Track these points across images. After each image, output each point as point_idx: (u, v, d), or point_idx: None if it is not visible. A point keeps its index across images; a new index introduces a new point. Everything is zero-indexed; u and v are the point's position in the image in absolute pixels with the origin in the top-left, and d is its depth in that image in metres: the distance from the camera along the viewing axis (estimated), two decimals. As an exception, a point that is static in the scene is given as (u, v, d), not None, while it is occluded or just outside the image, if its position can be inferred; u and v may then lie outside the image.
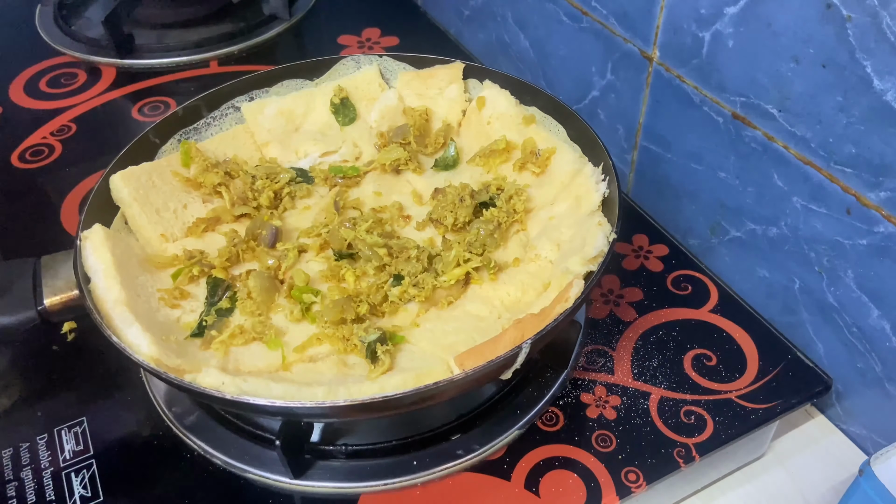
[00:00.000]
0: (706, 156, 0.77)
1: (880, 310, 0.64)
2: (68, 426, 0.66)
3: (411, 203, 0.76)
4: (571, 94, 0.96)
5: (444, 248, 0.68)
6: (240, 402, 0.51)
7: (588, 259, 0.60)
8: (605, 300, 0.77)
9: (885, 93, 0.57)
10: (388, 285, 0.64)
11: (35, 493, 0.61)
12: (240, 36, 1.19)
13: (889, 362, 0.65)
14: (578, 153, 0.73)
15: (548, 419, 0.66)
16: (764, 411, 0.66)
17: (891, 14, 0.54)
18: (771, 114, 0.68)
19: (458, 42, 1.22)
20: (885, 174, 0.59)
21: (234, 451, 0.62)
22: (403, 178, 0.79)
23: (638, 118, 0.85)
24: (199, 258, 0.67)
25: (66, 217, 0.88)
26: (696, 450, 0.63)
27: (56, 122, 1.04)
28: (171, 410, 0.66)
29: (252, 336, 0.61)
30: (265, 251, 0.69)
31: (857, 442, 0.72)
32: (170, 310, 0.63)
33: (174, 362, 0.55)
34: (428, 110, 0.82)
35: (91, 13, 1.25)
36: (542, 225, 0.70)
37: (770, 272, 0.75)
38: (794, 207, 0.69)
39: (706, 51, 0.72)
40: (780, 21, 0.63)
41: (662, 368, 0.70)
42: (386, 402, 0.51)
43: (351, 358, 0.60)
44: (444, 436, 0.63)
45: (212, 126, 0.79)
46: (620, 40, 0.83)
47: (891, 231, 0.61)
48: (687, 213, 0.83)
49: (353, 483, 0.61)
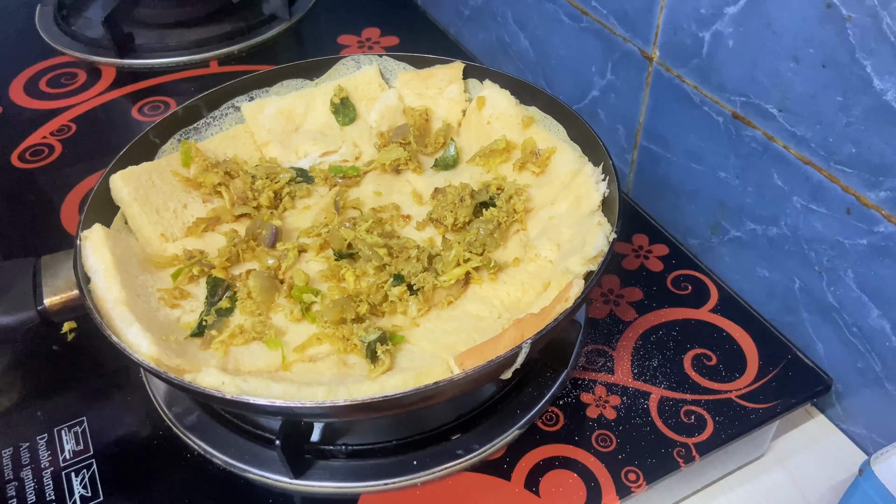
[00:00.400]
0: (706, 155, 0.77)
1: (880, 309, 0.64)
2: (68, 426, 0.66)
3: (411, 203, 0.76)
4: (571, 93, 0.96)
5: (444, 247, 0.68)
6: (240, 401, 0.51)
7: (588, 259, 0.60)
8: (605, 300, 0.77)
9: (885, 92, 0.57)
10: (388, 285, 0.64)
11: (35, 492, 0.61)
12: (240, 36, 1.19)
13: (889, 362, 0.65)
14: (578, 153, 0.73)
15: (548, 419, 0.66)
16: (764, 411, 0.66)
17: (891, 14, 0.54)
18: (771, 113, 0.68)
19: (457, 42, 1.22)
20: (884, 174, 0.59)
21: (234, 451, 0.62)
22: (403, 177, 0.79)
23: (638, 118, 0.85)
24: (199, 258, 0.67)
25: (66, 217, 0.88)
26: (696, 449, 0.63)
27: (56, 122, 1.04)
28: (171, 410, 0.66)
29: (252, 336, 0.61)
30: (265, 251, 0.69)
31: (856, 442, 0.72)
32: (170, 310, 0.63)
33: (174, 362, 0.55)
34: (428, 110, 0.82)
35: (91, 13, 1.25)
36: (542, 225, 0.70)
37: (770, 272, 0.75)
38: (794, 207, 0.69)
39: (706, 50, 0.72)
40: (780, 21, 0.63)
41: (662, 368, 0.70)
42: (386, 401, 0.51)
43: (351, 358, 0.60)
44: (444, 435, 0.63)
45: (212, 126, 0.79)
46: (620, 40, 0.83)
47: (891, 231, 0.61)
48: (687, 213, 0.83)
49: (353, 483, 0.61)
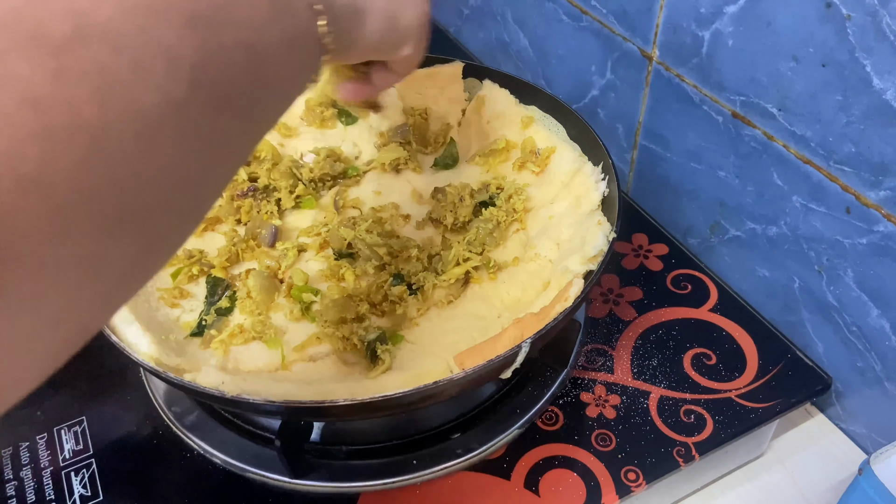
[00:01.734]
0: (706, 155, 0.77)
1: (880, 309, 0.64)
2: (68, 425, 0.66)
3: (411, 202, 0.76)
4: (571, 93, 0.96)
5: (444, 247, 0.68)
6: (239, 401, 0.51)
7: (588, 258, 0.60)
8: (604, 299, 0.77)
9: (885, 91, 0.57)
10: (388, 285, 0.64)
11: (35, 492, 0.61)
12: (239, 35, 1.19)
13: (889, 361, 0.65)
14: (578, 152, 0.73)
15: (547, 418, 0.66)
16: (763, 410, 0.66)
17: (890, 13, 0.54)
18: (771, 113, 0.68)
19: (457, 41, 1.22)
20: (884, 173, 0.59)
21: (234, 451, 0.62)
22: (403, 177, 0.79)
23: (637, 117, 0.85)
24: (198, 257, 0.67)
25: (66, 216, 0.88)
26: (696, 449, 0.63)
27: (55, 122, 1.03)
28: (170, 410, 0.66)
29: (252, 335, 0.61)
30: (265, 251, 0.69)
31: (856, 441, 0.72)
32: (169, 309, 0.63)
33: (174, 361, 0.55)
34: (427, 109, 0.82)
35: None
36: (542, 224, 0.70)
37: (770, 271, 0.75)
38: (794, 206, 0.69)
39: (706, 50, 0.72)
40: (780, 20, 0.63)
41: (662, 367, 0.70)
42: (386, 401, 0.51)
43: (350, 357, 0.60)
44: (444, 435, 0.63)
45: (211, 125, 0.79)
46: (620, 39, 0.83)
47: (890, 230, 0.61)
48: (687, 213, 0.83)
49: (352, 482, 0.61)
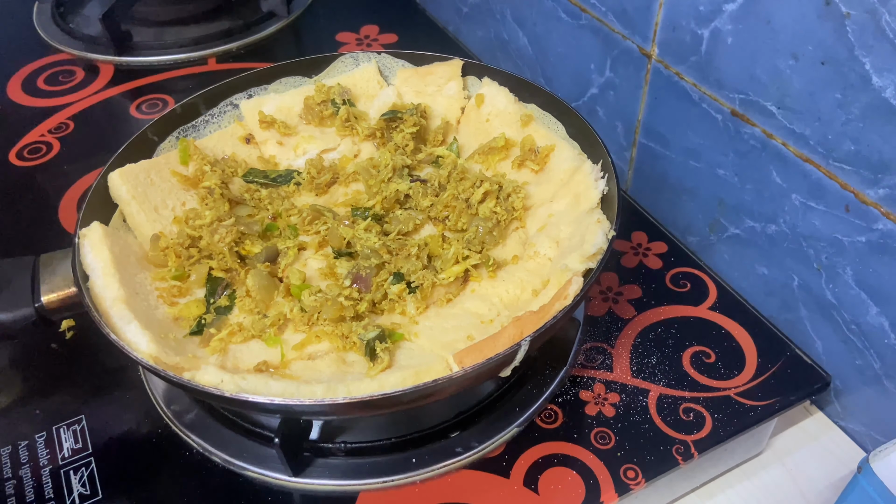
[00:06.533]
0: (705, 153, 0.77)
1: (879, 307, 0.64)
2: (67, 424, 0.66)
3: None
4: (570, 91, 0.96)
5: (444, 245, 0.68)
6: (239, 399, 0.51)
7: (587, 256, 0.60)
8: (603, 297, 0.77)
9: (884, 89, 0.57)
10: (387, 283, 0.64)
11: (34, 491, 0.61)
12: (238, 33, 1.19)
13: (887, 359, 0.65)
14: (577, 150, 0.73)
15: (547, 417, 0.66)
16: (762, 408, 0.66)
17: (889, 11, 0.54)
18: (770, 111, 0.68)
19: (456, 39, 1.22)
20: (883, 171, 0.59)
21: (233, 449, 0.62)
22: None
23: (637, 115, 0.85)
24: (197, 258, 0.66)
25: (65, 215, 0.88)
26: (695, 447, 0.63)
27: (54, 120, 1.03)
28: (169, 408, 0.66)
29: (251, 334, 0.61)
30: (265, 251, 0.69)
31: (855, 439, 0.72)
32: (168, 307, 0.63)
33: (173, 360, 0.55)
34: (427, 107, 0.82)
35: (89, 10, 1.24)
36: (541, 222, 0.70)
37: (769, 269, 0.75)
38: (793, 204, 0.69)
39: (705, 48, 0.72)
40: (779, 18, 0.63)
41: (661, 366, 0.70)
42: (385, 399, 0.51)
43: (350, 355, 0.60)
44: (443, 433, 0.63)
45: (210, 123, 0.79)
46: (619, 37, 0.83)
47: (889, 228, 0.61)
48: (686, 211, 0.83)
49: (352, 481, 0.61)
